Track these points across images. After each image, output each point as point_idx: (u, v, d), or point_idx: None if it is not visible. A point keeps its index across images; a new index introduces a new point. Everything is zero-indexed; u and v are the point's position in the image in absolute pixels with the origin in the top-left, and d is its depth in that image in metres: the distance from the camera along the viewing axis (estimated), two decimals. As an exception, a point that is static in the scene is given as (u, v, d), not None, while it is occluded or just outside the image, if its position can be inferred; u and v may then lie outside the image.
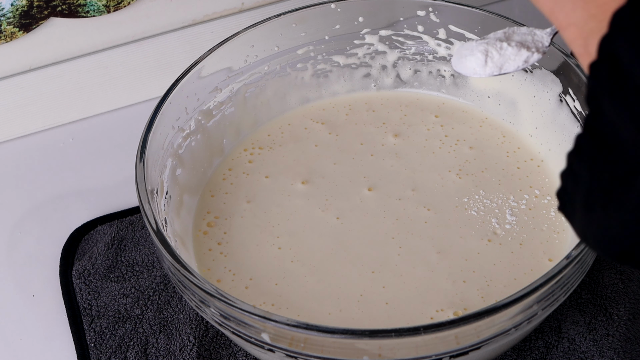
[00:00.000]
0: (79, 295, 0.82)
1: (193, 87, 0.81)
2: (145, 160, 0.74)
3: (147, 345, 0.79)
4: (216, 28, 0.96)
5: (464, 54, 0.66)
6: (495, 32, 0.66)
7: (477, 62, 0.65)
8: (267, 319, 0.65)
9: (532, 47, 0.65)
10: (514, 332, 0.67)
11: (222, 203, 0.82)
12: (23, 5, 0.88)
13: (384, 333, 0.64)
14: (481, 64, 0.65)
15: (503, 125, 0.86)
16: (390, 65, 0.89)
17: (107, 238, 0.86)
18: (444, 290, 0.74)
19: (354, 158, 0.84)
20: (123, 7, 0.92)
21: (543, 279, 0.65)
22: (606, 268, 0.80)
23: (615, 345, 0.76)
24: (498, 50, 0.65)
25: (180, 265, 0.68)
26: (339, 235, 0.79)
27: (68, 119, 0.97)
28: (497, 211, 0.79)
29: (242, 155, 0.86)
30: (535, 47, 0.65)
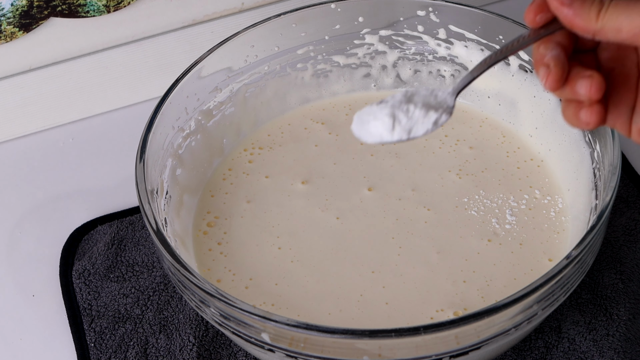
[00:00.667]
0: (79, 295, 0.82)
1: (193, 87, 0.81)
2: (145, 160, 0.74)
3: (147, 345, 0.79)
4: (216, 28, 0.96)
5: (366, 120, 0.62)
6: (393, 95, 0.62)
7: (384, 126, 0.61)
8: (267, 319, 0.65)
9: (438, 108, 0.60)
10: (514, 332, 0.67)
11: (222, 203, 0.82)
12: (23, 5, 0.88)
13: (384, 333, 0.64)
14: (388, 128, 0.61)
15: (503, 125, 0.86)
16: (390, 65, 0.89)
17: (107, 238, 0.86)
18: (444, 290, 0.74)
19: (354, 158, 0.84)
20: (123, 7, 0.92)
21: (543, 279, 0.65)
22: (606, 268, 0.80)
23: (615, 345, 0.76)
24: (405, 112, 0.60)
25: (180, 265, 0.68)
26: (339, 235, 0.79)
27: (68, 119, 0.97)
28: (497, 211, 0.79)
29: (242, 155, 0.86)
30: (442, 107, 0.60)
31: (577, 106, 0.57)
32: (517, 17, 0.88)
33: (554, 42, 0.58)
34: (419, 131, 0.61)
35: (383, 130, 0.61)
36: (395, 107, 0.61)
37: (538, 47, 0.58)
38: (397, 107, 0.61)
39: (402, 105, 0.61)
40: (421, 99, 0.62)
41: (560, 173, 0.81)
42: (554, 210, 0.79)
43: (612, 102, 0.58)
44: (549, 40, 0.58)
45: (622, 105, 0.58)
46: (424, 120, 0.61)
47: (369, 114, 0.62)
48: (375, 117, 0.61)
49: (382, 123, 0.61)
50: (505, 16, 0.82)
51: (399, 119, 0.60)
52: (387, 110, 0.61)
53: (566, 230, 0.78)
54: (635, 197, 0.85)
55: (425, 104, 0.61)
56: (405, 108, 0.61)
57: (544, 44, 0.58)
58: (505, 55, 0.59)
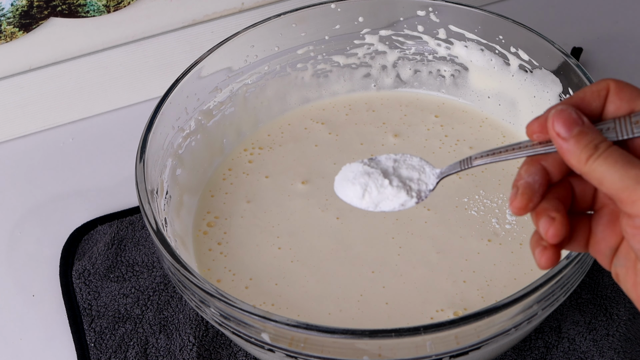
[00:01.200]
0: (79, 295, 0.82)
1: (193, 87, 0.81)
2: (145, 160, 0.74)
3: (147, 345, 0.79)
4: (216, 28, 0.96)
5: (346, 178, 0.64)
6: (388, 155, 0.64)
7: (355, 193, 0.63)
8: (267, 319, 0.65)
9: (413, 189, 0.63)
10: (514, 332, 0.67)
11: (222, 203, 0.82)
12: (23, 5, 0.88)
13: (384, 333, 0.64)
14: (359, 196, 0.63)
15: (503, 125, 0.86)
16: (390, 65, 0.89)
17: (107, 238, 0.86)
18: (444, 290, 0.74)
19: (354, 158, 0.84)
20: (123, 7, 0.92)
21: (543, 279, 0.65)
22: (606, 268, 0.80)
23: (615, 345, 0.76)
24: (378, 187, 0.62)
25: (180, 265, 0.68)
26: (339, 235, 0.79)
27: (68, 119, 0.97)
28: (497, 211, 0.79)
29: (242, 155, 0.86)
30: (417, 189, 0.63)
31: (538, 239, 0.57)
32: (517, 17, 0.88)
33: (538, 167, 0.57)
34: (386, 207, 0.63)
35: (354, 196, 0.63)
36: (373, 178, 0.63)
37: (521, 167, 0.57)
38: (375, 178, 0.63)
39: (379, 178, 0.63)
40: (406, 171, 0.63)
41: (560, 173, 0.81)
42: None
43: (594, 238, 0.57)
44: (535, 163, 0.57)
45: (603, 244, 0.56)
46: (392, 199, 0.63)
47: (351, 171, 0.64)
48: (352, 180, 0.63)
49: (354, 190, 0.63)
50: (505, 16, 0.82)
51: (370, 191, 0.63)
52: (364, 180, 0.63)
53: (566, 230, 0.78)
54: (635, 197, 0.85)
55: (405, 178, 0.63)
56: (380, 182, 0.63)
57: (527, 165, 0.57)
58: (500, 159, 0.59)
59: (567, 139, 0.55)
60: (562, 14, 1.03)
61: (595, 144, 0.54)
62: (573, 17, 1.02)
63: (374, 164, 0.64)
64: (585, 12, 1.03)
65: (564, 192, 0.57)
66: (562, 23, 1.02)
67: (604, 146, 0.54)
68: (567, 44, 0.97)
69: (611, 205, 0.57)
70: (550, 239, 0.56)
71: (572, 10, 1.03)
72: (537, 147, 0.57)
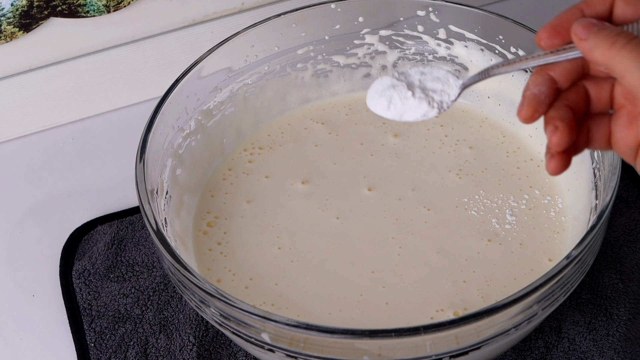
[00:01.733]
0: (79, 295, 0.82)
1: (193, 87, 0.81)
2: (145, 160, 0.74)
3: (147, 345, 0.79)
4: (216, 28, 0.96)
5: (376, 91, 0.67)
6: (417, 68, 0.66)
7: (382, 105, 0.66)
8: (267, 319, 0.65)
9: (435, 100, 0.65)
10: (514, 332, 0.67)
11: (222, 203, 0.82)
12: (23, 5, 0.88)
13: (384, 333, 0.64)
14: (385, 108, 0.66)
15: (503, 125, 0.86)
16: (390, 65, 0.89)
17: (107, 238, 0.86)
18: (444, 290, 0.74)
19: (354, 158, 0.84)
20: (123, 7, 0.92)
21: (543, 279, 0.65)
22: (606, 268, 0.80)
23: (615, 345, 0.76)
24: (402, 99, 0.65)
25: (180, 265, 0.68)
26: (339, 235, 0.79)
27: (68, 119, 0.97)
28: (497, 211, 0.79)
29: (242, 155, 0.86)
30: (440, 100, 0.65)
31: (548, 147, 0.59)
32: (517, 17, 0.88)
33: (546, 77, 0.59)
34: (409, 117, 0.65)
35: (380, 108, 0.66)
36: (397, 91, 0.66)
37: (530, 77, 0.59)
38: (399, 91, 0.65)
39: (403, 90, 0.65)
40: (430, 82, 0.66)
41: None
42: (554, 210, 0.79)
43: (614, 138, 0.58)
44: (542, 73, 0.59)
45: (623, 144, 0.58)
46: (415, 110, 0.65)
47: (381, 85, 0.67)
48: (380, 93, 0.66)
49: (381, 102, 0.66)
50: (505, 16, 0.82)
51: (394, 103, 0.65)
52: (389, 92, 0.66)
53: (566, 230, 0.78)
54: (635, 197, 0.85)
55: (429, 89, 0.65)
56: (404, 94, 0.65)
57: (534, 75, 0.59)
58: (516, 68, 0.61)
59: (587, 38, 0.56)
60: (562, 14, 1.03)
61: (614, 35, 0.55)
62: (573, 17, 1.02)
63: (402, 77, 0.66)
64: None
65: (575, 97, 0.59)
66: (562, 23, 1.02)
67: (624, 37, 0.55)
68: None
69: (628, 106, 0.58)
70: (554, 147, 0.58)
71: (572, 10, 1.03)
72: (549, 55, 0.58)
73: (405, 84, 0.66)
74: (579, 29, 0.57)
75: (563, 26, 0.59)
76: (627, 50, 0.55)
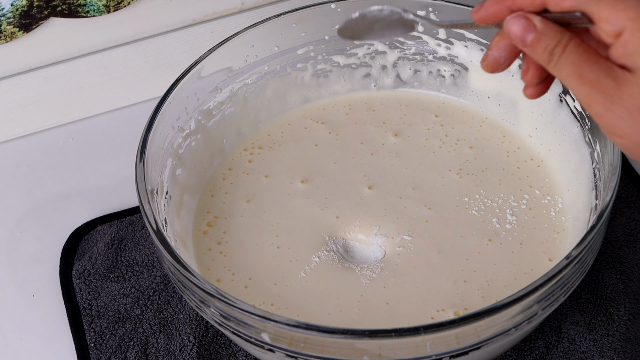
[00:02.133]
0: (79, 295, 0.82)
1: (193, 87, 0.81)
2: (145, 160, 0.74)
3: (147, 345, 0.79)
4: (216, 28, 0.96)
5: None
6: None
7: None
8: (267, 319, 0.65)
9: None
10: (514, 332, 0.67)
11: (222, 203, 0.82)
12: (23, 5, 0.88)
13: (384, 333, 0.64)
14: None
15: (503, 125, 0.86)
16: (390, 65, 0.89)
17: (107, 238, 0.86)
18: (445, 290, 0.74)
19: (354, 157, 0.84)
20: (123, 7, 0.92)
21: (543, 279, 0.65)
22: (606, 268, 0.80)
23: (615, 345, 0.76)
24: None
25: (180, 265, 0.68)
26: (339, 234, 0.79)
27: (68, 119, 0.97)
28: (497, 211, 0.79)
29: (242, 155, 0.86)
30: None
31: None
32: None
33: (507, 42, 0.61)
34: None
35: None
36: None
37: (494, 37, 0.62)
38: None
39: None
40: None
41: (560, 173, 0.81)
42: (554, 210, 0.79)
43: None
44: (504, 37, 0.61)
45: None
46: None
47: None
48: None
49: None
50: (505, 16, 0.82)
51: None
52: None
53: (566, 230, 0.78)
54: (635, 197, 0.85)
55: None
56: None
57: (498, 37, 0.62)
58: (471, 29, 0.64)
59: (524, 45, 0.59)
60: (562, 14, 1.03)
61: (549, 50, 0.58)
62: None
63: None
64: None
65: None
66: (562, 23, 1.02)
67: (559, 51, 0.57)
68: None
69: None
70: (526, 82, 0.63)
71: (572, 10, 1.03)
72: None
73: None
74: (514, 34, 0.58)
75: (492, 18, 0.61)
76: (559, 66, 0.57)
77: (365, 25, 0.68)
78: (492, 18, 0.61)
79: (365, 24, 0.68)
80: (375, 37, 0.68)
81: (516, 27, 0.58)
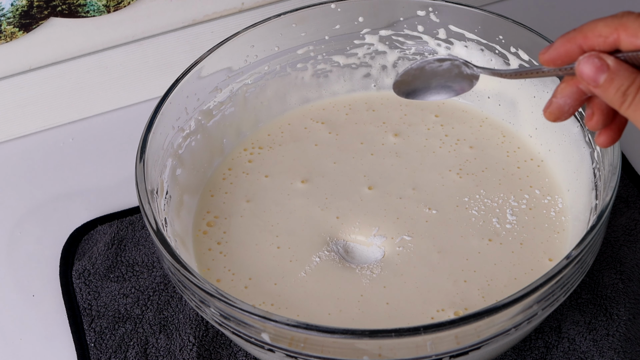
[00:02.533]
0: (79, 295, 0.82)
1: (193, 87, 0.81)
2: (145, 160, 0.74)
3: (147, 345, 0.79)
4: (216, 28, 0.96)
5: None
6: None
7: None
8: (267, 319, 0.65)
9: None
10: (514, 332, 0.67)
11: (222, 203, 0.82)
12: (23, 5, 0.88)
13: (384, 333, 0.64)
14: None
15: (503, 125, 0.86)
16: (390, 65, 0.89)
17: (107, 238, 0.86)
18: (445, 289, 0.74)
19: (354, 157, 0.84)
20: (123, 7, 0.92)
21: (543, 279, 0.65)
22: (606, 268, 0.80)
23: (615, 345, 0.76)
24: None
25: (180, 265, 0.68)
26: (339, 234, 0.79)
27: (68, 119, 0.97)
28: (497, 211, 0.79)
29: (242, 155, 0.86)
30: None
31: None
32: (517, 17, 0.88)
33: (574, 89, 0.61)
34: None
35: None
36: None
37: (560, 84, 0.61)
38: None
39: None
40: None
41: (560, 173, 0.81)
42: (554, 210, 0.79)
43: None
44: (571, 84, 0.60)
45: None
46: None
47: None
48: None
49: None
50: (505, 16, 0.82)
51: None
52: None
53: (566, 230, 0.78)
54: (635, 197, 0.85)
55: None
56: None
57: (564, 84, 0.61)
58: (534, 77, 0.64)
59: (596, 86, 0.57)
60: (562, 14, 1.03)
61: (622, 91, 0.56)
62: (573, 17, 1.02)
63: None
64: (585, 12, 1.03)
65: None
66: (562, 23, 1.02)
67: (633, 92, 0.56)
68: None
69: None
70: (591, 128, 0.62)
71: (572, 10, 1.03)
72: (557, 71, 0.60)
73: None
74: (586, 74, 0.57)
75: (561, 59, 0.60)
76: (633, 106, 0.56)
77: (422, 80, 0.67)
78: (562, 58, 0.59)
79: (422, 79, 0.67)
80: (431, 95, 0.67)
81: (588, 67, 0.57)
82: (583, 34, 0.58)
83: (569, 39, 0.59)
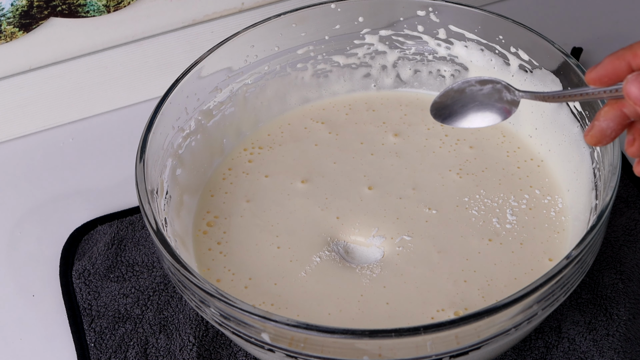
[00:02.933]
0: (79, 295, 0.82)
1: (193, 87, 0.81)
2: (145, 160, 0.74)
3: (147, 345, 0.79)
4: (216, 28, 0.96)
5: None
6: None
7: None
8: (267, 319, 0.65)
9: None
10: (514, 332, 0.67)
11: (222, 203, 0.82)
12: (23, 5, 0.88)
13: (384, 333, 0.64)
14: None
15: (503, 125, 0.86)
16: (390, 65, 0.89)
17: (107, 238, 0.86)
18: (445, 290, 0.74)
19: (354, 157, 0.84)
20: (123, 7, 0.92)
21: (543, 279, 0.65)
22: (606, 268, 0.80)
23: (615, 345, 0.76)
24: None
25: (180, 265, 0.68)
26: (339, 234, 0.79)
27: (68, 119, 0.97)
28: (497, 211, 0.79)
29: (242, 155, 0.86)
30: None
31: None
32: (517, 17, 0.88)
33: (617, 112, 0.60)
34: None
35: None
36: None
37: (603, 107, 0.61)
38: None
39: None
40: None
41: (560, 173, 0.81)
42: (554, 210, 0.79)
43: None
44: (615, 108, 0.60)
45: None
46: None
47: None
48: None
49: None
50: (505, 16, 0.82)
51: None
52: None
53: (566, 230, 0.78)
54: (635, 197, 0.85)
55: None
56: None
57: (607, 107, 0.60)
58: (579, 99, 0.63)
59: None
60: (562, 14, 1.03)
61: None
62: (573, 17, 1.02)
63: None
64: (585, 12, 1.03)
65: None
66: (562, 23, 1.02)
67: None
68: (567, 44, 0.97)
69: None
70: (631, 155, 0.62)
71: (572, 10, 1.03)
72: (602, 94, 0.59)
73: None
74: (633, 94, 0.56)
75: (608, 77, 0.58)
76: None
77: (460, 104, 0.66)
78: (609, 76, 0.58)
79: (460, 103, 0.66)
80: (467, 122, 0.66)
81: (635, 87, 0.56)
82: (633, 52, 0.57)
83: (618, 56, 0.58)
